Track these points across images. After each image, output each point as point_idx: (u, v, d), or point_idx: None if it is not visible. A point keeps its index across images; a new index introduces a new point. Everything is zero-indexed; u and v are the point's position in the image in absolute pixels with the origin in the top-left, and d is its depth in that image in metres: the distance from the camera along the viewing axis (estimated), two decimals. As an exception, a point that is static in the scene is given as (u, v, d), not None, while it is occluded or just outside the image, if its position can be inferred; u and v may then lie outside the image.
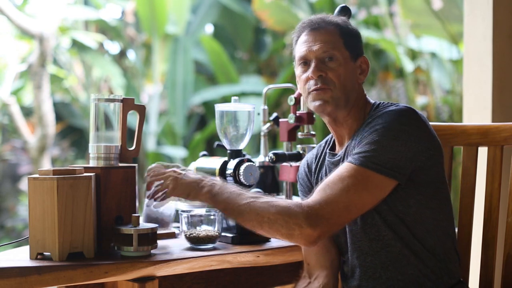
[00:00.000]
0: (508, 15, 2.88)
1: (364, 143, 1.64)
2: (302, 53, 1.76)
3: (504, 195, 1.92)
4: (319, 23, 1.77)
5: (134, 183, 1.87)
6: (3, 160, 7.47)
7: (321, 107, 1.74)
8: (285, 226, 1.59)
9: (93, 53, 7.31)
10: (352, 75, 1.76)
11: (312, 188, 1.85)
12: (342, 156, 1.76)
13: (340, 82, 1.73)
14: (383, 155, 1.61)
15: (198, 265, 1.80)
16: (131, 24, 8.22)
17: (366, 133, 1.66)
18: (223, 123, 2.00)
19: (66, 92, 7.89)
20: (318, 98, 1.74)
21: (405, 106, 1.69)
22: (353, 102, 1.76)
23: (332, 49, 1.73)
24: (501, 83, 2.86)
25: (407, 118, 1.65)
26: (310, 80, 1.74)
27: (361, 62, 1.79)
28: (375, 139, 1.63)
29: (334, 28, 1.76)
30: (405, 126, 1.63)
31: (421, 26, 5.50)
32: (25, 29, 5.98)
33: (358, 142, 1.68)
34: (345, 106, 1.75)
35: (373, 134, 1.64)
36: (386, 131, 1.63)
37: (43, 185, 1.69)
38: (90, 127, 1.90)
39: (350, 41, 1.76)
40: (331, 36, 1.75)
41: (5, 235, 6.76)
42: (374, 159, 1.61)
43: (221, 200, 1.67)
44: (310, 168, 1.90)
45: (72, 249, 1.70)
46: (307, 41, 1.76)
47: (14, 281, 1.57)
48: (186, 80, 7.26)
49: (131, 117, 1.92)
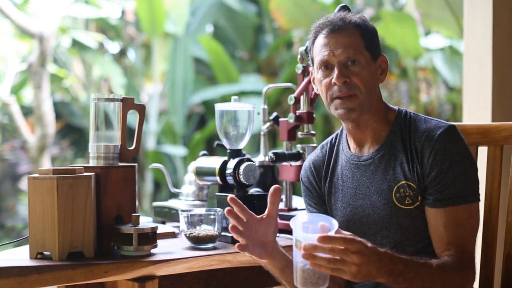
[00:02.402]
0: (508, 14, 2.88)
1: (454, 178, 1.64)
2: (324, 57, 1.70)
3: (504, 195, 1.91)
4: (339, 24, 1.70)
5: (134, 182, 1.87)
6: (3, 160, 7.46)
7: (346, 115, 1.70)
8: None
9: (93, 53, 7.30)
10: (374, 77, 1.72)
11: (321, 194, 1.83)
12: (373, 160, 1.73)
13: (365, 87, 1.69)
14: (476, 185, 1.67)
15: (198, 265, 1.80)
16: (131, 23, 8.22)
17: (442, 165, 1.64)
18: (223, 122, 2.00)
19: (66, 91, 7.88)
20: (342, 106, 1.69)
21: (450, 124, 1.69)
22: (375, 104, 1.73)
23: (355, 53, 1.68)
24: (501, 83, 2.86)
25: (463, 140, 1.70)
26: (333, 86, 1.69)
27: (380, 61, 1.75)
28: (462, 172, 1.65)
29: (355, 29, 1.70)
30: (469, 150, 1.70)
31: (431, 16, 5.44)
32: (25, 29, 5.98)
33: (430, 173, 1.64)
34: (369, 110, 1.72)
35: (455, 168, 1.64)
36: (466, 160, 1.66)
37: (43, 184, 1.69)
38: (90, 126, 1.90)
39: (370, 41, 1.72)
40: (353, 38, 1.69)
41: (5, 234, 6.76)
42: (474, 190, 1.66)
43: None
44: (318, 172, 1.85)
45: (72, 249, 1.70)
46: (328, 44, 1.70)
47: (14, 281, 1.57)
48: (186, 79, 7.26)
49: (131, 117, 1.92)
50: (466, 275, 1.60)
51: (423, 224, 1.67)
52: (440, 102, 6.07)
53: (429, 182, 1.65)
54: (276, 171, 2.40)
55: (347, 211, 1.76)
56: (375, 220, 1.71)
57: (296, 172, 2.19)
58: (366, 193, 1.73)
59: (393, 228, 1.69)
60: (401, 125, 1.73)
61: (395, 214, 1.68)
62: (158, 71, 7.44)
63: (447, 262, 1.59)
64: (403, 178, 1.67)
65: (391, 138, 1.73)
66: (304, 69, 2.22)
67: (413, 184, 1.66)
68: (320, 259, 1.39)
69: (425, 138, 1.66)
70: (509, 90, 2.89)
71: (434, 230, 1.65)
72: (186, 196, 2.37)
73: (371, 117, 1.73)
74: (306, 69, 2.22)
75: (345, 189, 1.77)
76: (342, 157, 1.81)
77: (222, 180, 2.02)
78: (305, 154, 2.18)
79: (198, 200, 2.34)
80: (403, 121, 1.73)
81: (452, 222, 1.63)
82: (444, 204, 1.63)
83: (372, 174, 1.73)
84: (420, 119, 1.72)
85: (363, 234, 1.71)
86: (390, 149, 1.72)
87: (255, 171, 1.98)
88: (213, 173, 2.04)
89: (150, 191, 7.22)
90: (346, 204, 1.76)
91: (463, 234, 1.63)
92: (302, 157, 2.19)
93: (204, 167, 2.12)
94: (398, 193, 1.67)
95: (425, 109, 6.28)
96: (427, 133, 1.67)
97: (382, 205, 1.69)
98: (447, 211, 1.63)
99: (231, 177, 1.98)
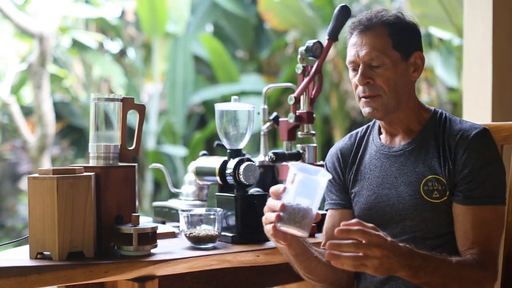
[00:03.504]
0: (508, 14, 2.88)
1: (485, 179, 1.66)
2: (351, 57, 1.74)
3: (504, 195, 1.91)
4: (366, 24, 1.72)
5: (134, 182, 1.87)
6: (3, 160, 7.47)
7: (370, 114, 1.74)
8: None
9: (93, 53, 7.31)
10: (403, 76, 1.73)
11: (343, 182, 1.84)
12: (403, 152, 1.75)
13: (389, 87, 1.70)
14: (504, 189, 1.69)
15: (198, 265, 1.80)
16: (131, 23, 8.22)
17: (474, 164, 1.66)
18: (223, 122, 2.00)
19: (66, 91, 7.89)
20: (367, 105, 1.73)
21: (485, 128, 1.71)
22: (406, 102, 1.75)
23: (378, 55, 1.69)
24: (501, 83, 2.86)
25: (496, 143, 1.72)
26: (359, 86, 1.73)
27: (415, 58, 1.74)
28: (493, 174, 1.67)
29: (382, 28, 1.71)
30: (499, 154, 1.73)
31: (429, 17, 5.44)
32: (25, 29, 5.98)
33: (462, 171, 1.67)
34: (396, 109, 1.73)
35: (487, 169, 1.67)
36: (497, 164, 1.69)
37: (43, 184, 1.69)
38: (90, 126, 1.90)
39: (401, 39, 1.71)
40: (379, 38, 1.70)
41: (5, 234, 6.76)
42: (502, 194, 1.68)
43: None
44: (345, 159, 1.86)
45: (72, 249, 1.70)
46: (355, 44, 1.73)
47: (14, 281, 1.57)
48: (186, 79, 7.26)
49: (131, 117, 1.92)
50: (486, 275, 1.62)
51: (447, 219, 1.69)
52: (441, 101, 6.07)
53: (460, 179, 1.67)
54: (276, 171, 2.40)
55: (371, 199, 1.78)
56: (399, 210, 1.72)
57: (296, 172, 2.19)
58: (393, 183, 1.75)
59: (416, 220, 1.70)
60: (435, 124, 1.75)
61: (421, 207, 1.70)
62: (158, 71, 7.45)
63: (468, 260, 1.62)
64: (433, 172, 1.70)
65: (424, 134, 1.75)
66: (304, 69, 2.22)
67: (443, 179, 1.69)
68: (345, 258, 1.41)
69: (460, 137, 1.69)
70: (509, 90, 2.89)
71: (461, 227, 1.67)
72: (186, 196, 2.37)
73: (402, 115, 1.76)
74: (306, 69, 2.22)
75: (371, 178, 1.79)
76: (371, 147, 1.83)
77: (222, 180, 2.02)
78: (305, 154, 2.18)
79: (198, 200, 2.34)
80: (438, 121, 1.76)
81: (479, 221, 1.65)
82: (473, 202, 1.65)
83: (401, 165, 1.75)
84: (456, 120, 1.76)
85: (385, 222, 1.73)
86: (422, 143, 1.74)
87: (255, 171, 1.98)
88: (213, 173, 2.04)
89: (150, 191, 7.23)
90: (371, 192, 1.78)
91: (488, 234, 1.65)
92: (302, 157, 2.18)
93: (204, 167, 2.12)
94: (426, 186, 1.70)
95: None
96: (462, 132, 1.70)
97: (408, 196, 1.71)
98: (475, 210, 1.65)
99: (231, 177, 1.98)
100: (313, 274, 1.72)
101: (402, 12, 1.77)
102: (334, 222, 1.83)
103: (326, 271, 1.72)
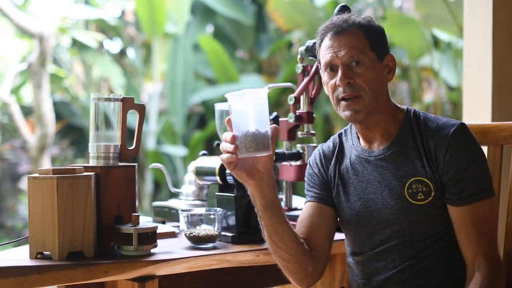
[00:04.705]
0: (508, 14, 2.88)
1: (473, 174, 1.66)
2: (328, 58, 1.71)
3: (504, 195, 1.92)
4: (342, 26, 1.71)
5: (134, 182, 1.87)
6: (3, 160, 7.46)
7: (352, 117, 1.72)
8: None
9: (93, 53, 7.30)
10: (380, 77, 1.72)
11: (326, 181, 1.83)
12: (383, 156, 1.74)
13: (369, 87, 1.69)
14: (491, 180, 1.70)
15: (198, 265, 1.80)
16: (131, 23, 8.22)
17: (460, 163, 1.66)
18: (223, 122, 2.00)
19: (66, 91, 7.88)
20: (348, 108, 1.71)
21: (462, 122, 1.71)
22: (383, 104, 1.74)
23: (358, 54, 1.69)
24: (501, 83, 2.86)
25: (474, 136, 1.72)
26: (338, 87, 1.71)
27: (388, 60, 1.75)
28: (479, 168, 1.68)
29: (358, 30, 1.71)
30: (480, 146, 1.72)
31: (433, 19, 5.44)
32: (25, 28, 5.98)
33: (448, 171, 1.66)
34: (376, 111, 1.72)
35: (473, 165, 1.67)
36: (481, 157, 1.69)
37: (43, 184, 1.69)
38: (90, 126, 1.90)
39: (376, 41, 1.72)
40: (356, 39, 1.70)
41: (5, 234, 6.76)
42: (491, 185, 1.69)
43: None
44: (327, 160, 1.86)
45: (72, 249, 1.70)
46: (331, 46, 1.71)
47: (14, 281, 1.57)
48: (186, 79, 7.26)
49: (131, 117, 1.92)
50: (499, 281, 1.65)
51: (434, 219, 1.69)
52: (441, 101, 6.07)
53: (448, 180, 1.67)
54: (276, 170, 2.40)
55: (357, 204, 1.77)
56: (385, 215, 1.72)
57: (296, 172, 2.19)
58: (377, 187, 1.74)
59: (404, 224, 1.70)
60: (411, 124, 1.74)
61: (407, 210, 1.69)
62: (158, 71, 7.45)
63: (479, 282, 1.63)
64: (416, 174, 1.69)
65: (401, 135, 1.74)
66: (304, 69, 2.22)
67: (427, 179, 1.68)
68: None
69: (439, 136, 1.68)
70: (509, 90, 2.89)
71: (462, 229, 1.67)
72: (186, 196, 2.37)
73: (380, 117, 1.74)
74: (306, 69, 2.22)
75: (355, 183, 1.78)
76: (352, 151, 1.82)
77: (222, 179, 2.02)
78: (305, 154, 2.18)
79: (198, 200, 2.34)
80: (413, 120, 1.75)
81: (478, 218, 1.66)
82: (469, 201, 1.66)
83: (383, 169, 1.74)
84: (430, 117, 1.75)
85: (373, 228, 1.74)
86: (400, 146, 1.73)
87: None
88: (213, 173, 2.04)
89: (150, 191, 7.23)
90: (357, 197, 1.77)
91: (489, 229, 1.67)
92: (302, 157, 2.19)
93: (204, 167, 2.12)
94: (410, 189, 1.69)
95: (428, 109, 6.28)
96: (440, 131, 1.69)
97: (393, 201, 1.71)
98: (472, 208, 1.66)
99: (231, 176, 1.98)
100: (280, 240, 1.69)
101: (370, 17, 1.77)
102: (311, 213, 1.81)
103: (293, 242, 1.70)
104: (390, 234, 1.72)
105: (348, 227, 1.81)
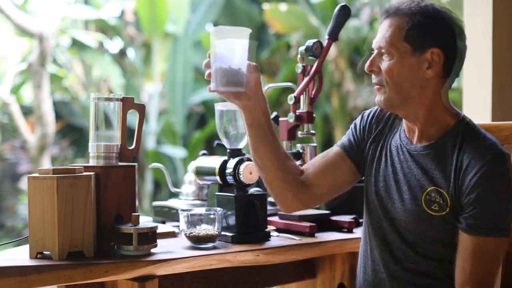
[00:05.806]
0: (508, 14, 2.88)
1: (492, 208, 1.58)
2: (372, 41, 1.72)
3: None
4: (389, 11, 1.68)
5: (134, 182, 1.87)
6: (3, 159, 7.47)
7: (378, 102, 1.71)
8: None
9: (93, 52, 7.31)
10: (411, 71, 1.64)
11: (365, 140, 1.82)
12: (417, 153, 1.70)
13: (392, 81, 1.65)
14: (509, 220, 1.61)
15: (198, 264, 1.80)
16: (131, 23, 8.22)
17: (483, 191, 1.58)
18: (222, 122, 2.00)
19: (66, 91, 7.89)
20: (377, 94, 1.71)
21: (504, 152, 1.61)
22: (418, 98, 1.67)
23: (386, 45, 1.65)
24: (501, 82, 2.86)
25: (509, 172, 1.60)
26: None
27: (432, 54, 1.64)
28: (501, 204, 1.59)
29: (399, 18, 1.65)
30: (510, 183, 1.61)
31: None
32: (25, 28, 5.98)
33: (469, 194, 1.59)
34: (403, 104, 1.67)
35: (495, 198, 1.58)
36: (507, 195, 1.59)
37: (43, 184, 1.69)
38: (90, 126, 1.90)
39: (415, 32, 1.63)
40: (391, 28, 1.65)
41: (5, 234, 6.76)
42: (507, 226, 1.60)
43: None
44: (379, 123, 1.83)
45: (72, 248, 1.70)
46: (378, 30, 1.70)
47: (14, 280, 1.57)
48: (186, 79, 7.26)
49: (131, 116, 1.92)
50: None
51: (441, 234, 1.66)
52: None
53: (465, 203, 1.60)
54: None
55: (380, 185, 1.76)
56: (397, 208, 1.71)
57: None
58: (400, 179, 1.72)
59: (411, 225, 1.69)
60: (458, 133, 1.67)
61: (418, 214, 1.67)
62: (158, 71, 7.45)
63: None
64: (438, 184, 1.65)
65: (443, 141, 1.68)
66: (304, 69, 2.22)
67: (446, 194, 1.63)
68: None
69: (475, 157, 1.60)
70: (509, 90, 2.88)
71: (460, 255, 1.62)
72: (186, 195, 2.37)
73: (416, 113, 1.69)
74: (306, 69, 2.22)
75: (387, 163, 1.76)
76: (398, 133, 1.79)
77: (222, 179, 2.02)
78: (305, 154, 2.18)
79: (198, 200, 2.34)
80: (462, 131, 1.67)
81: (480, 252, 1.59)
82: (478, 233, 1.59)
83: (411, 165, 1.71)
84: (479, 135, 1.66)
85: (385, 213, 1.74)
86: (437, 151, 1.67)
87: (255, 171, 1.98)
88: (213, 173, 2.04)
89: (150, 191, 7.23)
90: (382, 177, 1.76)
91: (486, 267, 1.60)
92: (302, 156, 2.18)
93: (204, 166, 2.12)
94: (428, 196, 1.66)
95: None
96: (479, 152, 1.60)
97: (409, 199, 1.69)
98: (478, 240, 1.59)
99: (231, 176, 1.98)
100: (260, 159, 1.77)
101: (436, 5, 1.66)
102: (329, 157, 1.84)
103: (273, 165, 1.76)
104: (405, 227, 1.70)
105: (366, 201, 1.81)
